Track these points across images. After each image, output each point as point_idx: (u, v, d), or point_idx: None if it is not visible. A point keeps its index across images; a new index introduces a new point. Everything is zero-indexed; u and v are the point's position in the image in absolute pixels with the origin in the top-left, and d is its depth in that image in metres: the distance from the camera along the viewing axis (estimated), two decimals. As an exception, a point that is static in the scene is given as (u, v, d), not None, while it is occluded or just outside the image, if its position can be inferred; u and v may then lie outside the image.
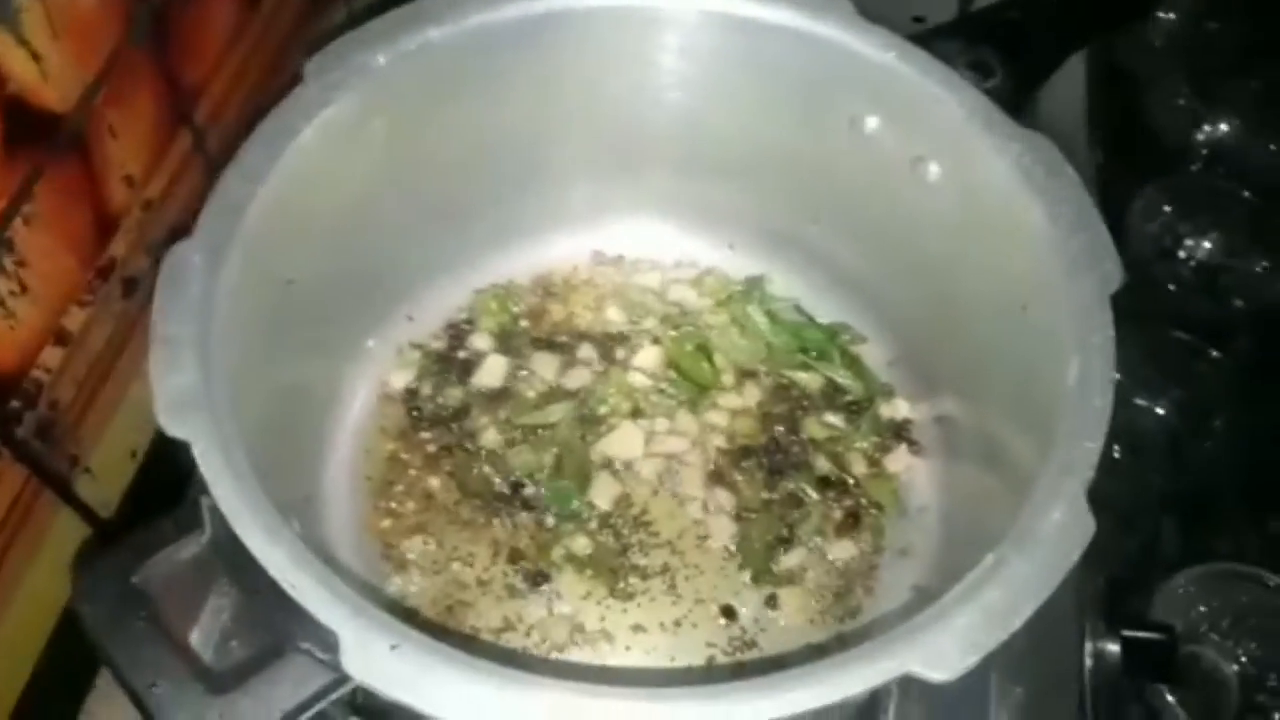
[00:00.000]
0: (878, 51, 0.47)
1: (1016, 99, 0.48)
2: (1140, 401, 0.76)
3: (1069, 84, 0.73)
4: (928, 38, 0.48)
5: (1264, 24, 0.88)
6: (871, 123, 0.49)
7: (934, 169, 0.48)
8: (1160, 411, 0.76)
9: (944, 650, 0.33)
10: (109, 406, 0.58)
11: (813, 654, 0.33)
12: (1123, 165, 0.80)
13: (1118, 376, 0.39)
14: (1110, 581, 0.60)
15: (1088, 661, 0.56)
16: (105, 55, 0.53)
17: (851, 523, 0.54)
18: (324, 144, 0.44)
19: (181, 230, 0.40)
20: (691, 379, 0.57)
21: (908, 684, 0.52)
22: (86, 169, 0.53)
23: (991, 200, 0.45)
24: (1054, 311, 0.41)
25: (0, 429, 0.49)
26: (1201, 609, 0.67)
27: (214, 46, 0.62)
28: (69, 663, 0.54)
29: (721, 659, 0.49)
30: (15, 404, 0.50)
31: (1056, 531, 0.35)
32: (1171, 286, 0.81)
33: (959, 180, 0.47)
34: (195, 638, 0.34)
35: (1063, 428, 0.38)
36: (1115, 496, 0.71)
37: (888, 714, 0.47)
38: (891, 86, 0.47)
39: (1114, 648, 0.56)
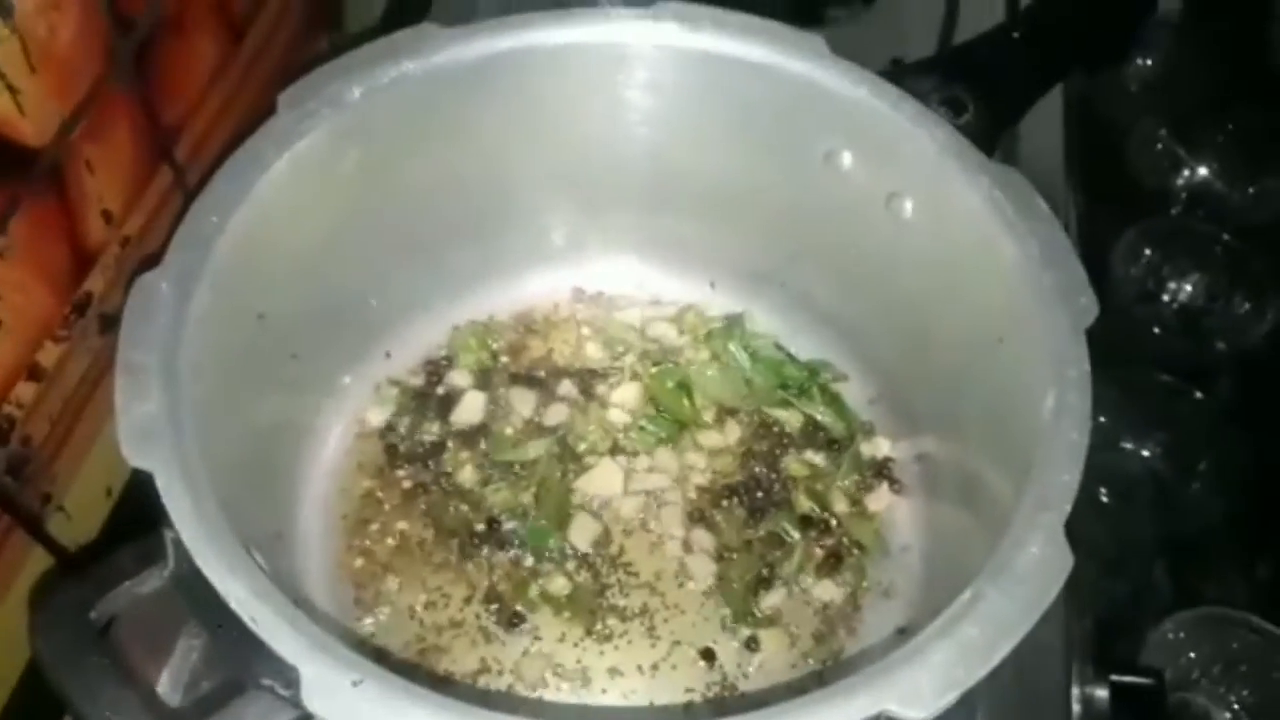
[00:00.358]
0: (850, 87, 0.47)
1: (990, 136, 0.48)
2: (1126, 445, 0.76)
3: (1047, 129, 0.74)
4: (901, 74, 0.49)
5: (1240, 68, 0.89)
6: (846, 159, 0.49)
7: (909, 205, 0.48)
8: (1145, 454, 0.76)
9: (920, 688, 0.32)
10: (84, 444, 0.57)
11: (793, 696, 0.32)
12: (1103, 209, 0.80)
13: (1102, 419, 0.39)
14: (1098, 625, 0.59)
15: (1075, 707, 0.55)
16: (84, 89, 0.53)
17: (833, 563, 0.53)
18: (296, 176, 0.44)
19: (154, 262, 0.40)
20: (672, 415, 0.56)
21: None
22: (63, 203, 0.53)
23: (965, 235, 0.45)
24: (1030, 345, 0.41)
25: (-31, 467, 0.49)
26: (1192, 655, 0.66)
27: (196, 83, 0.62)
28: (38, 706, 0.53)
29: (700, 702, 0.48)
30: (-14, 440, 0.50)
31: (1034, 565, 0.34)
32: (1155, 329, 0.81)
33: (933, 216, 0.47)
34: (155, 674, 0.33)
35: (1039, 461, 0.37)
36: (1102, 541, 0.71)
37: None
38: (864, 122, 0.48)
39: (1102, 693, 0.55)
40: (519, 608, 0.51)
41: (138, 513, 0.41)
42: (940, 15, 0.70)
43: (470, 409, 0.56)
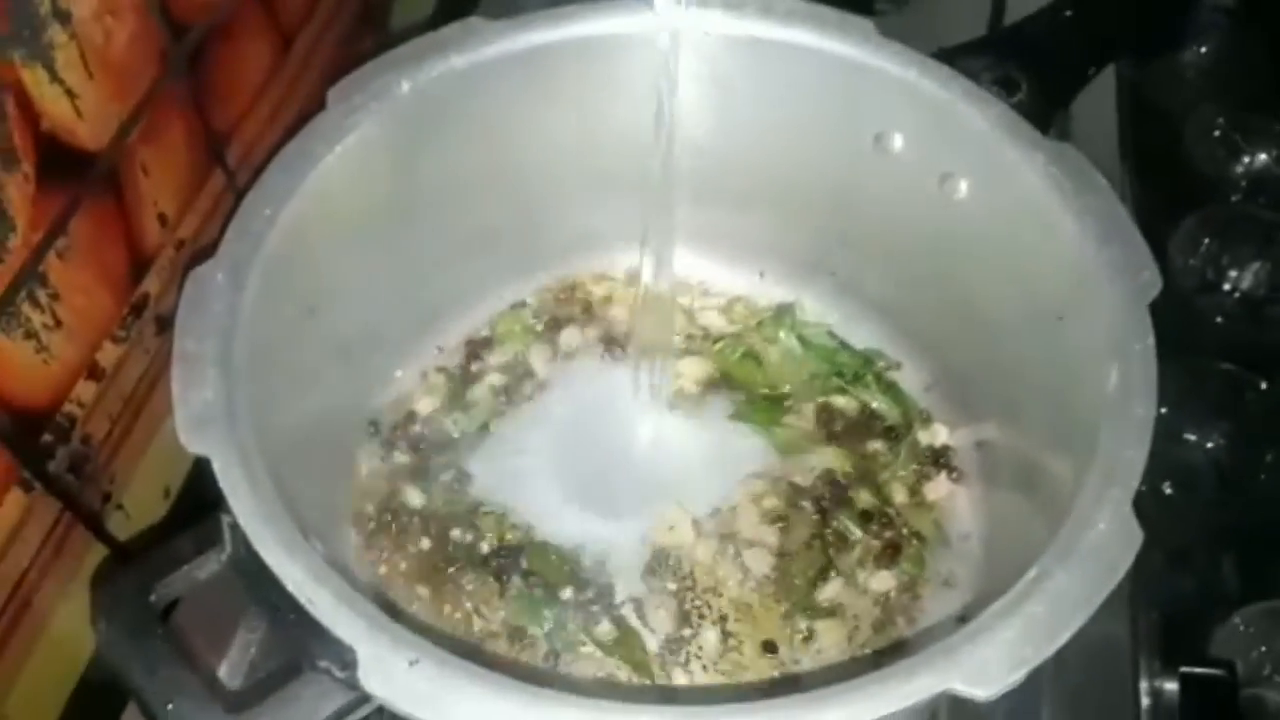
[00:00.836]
0: (899, 68, 0.46)
1: (1044, 116, 0.47)
2: (1189, 436, 0.74)
3: (1100, 116, 0.73)
4: (951, 55, 0.48)
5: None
6: (897, 141, 0.49)
7: (963, 185, 0.47)
8: (1209, 446, 0.74)
9: (986, 666, 0.31)
10: (142, 444, 0.58)
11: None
12: (1159, 198, 0.79)
13: (1164, 411, 0.38)
14: (1166, 618, 0.58)
15: (1144, 700, 0.54)
16: (140, 93, 0.54)
17: (892, 554, 0.52)
18: (346, 169, 0.44)
19: (207, 255, 0.40)
20: (744, 384, 0.55)
21: (954, 707, 0.50)
22: (120, 206, 0.54)
23: (1021, 213, 0.44)
24: (1092, 322, 0.40)
25: (33, 463, 0.49)
26: (1262, 649, 0.64)
27: (247, 89, 0.63)
28: (98, 701, 0.54)
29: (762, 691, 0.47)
30: (48, 438, 0.50)
31: (1102, 542, 0.33)
32: (1217, 319, 0.79)
33: (987, 195, 0.46)
34: (216, 659, 0.33)
35: (1104, 438, 0.36)
36: (1167, 534, 0.69)
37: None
38: (915, 103, 0.47)
39: (1172, 686, 0.54)
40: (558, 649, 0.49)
41: (195, 513, 0.42)
42: (984, 8, 0.69)
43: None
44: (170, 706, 0.31)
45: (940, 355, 0.53)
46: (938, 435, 0.55)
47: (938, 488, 0.53)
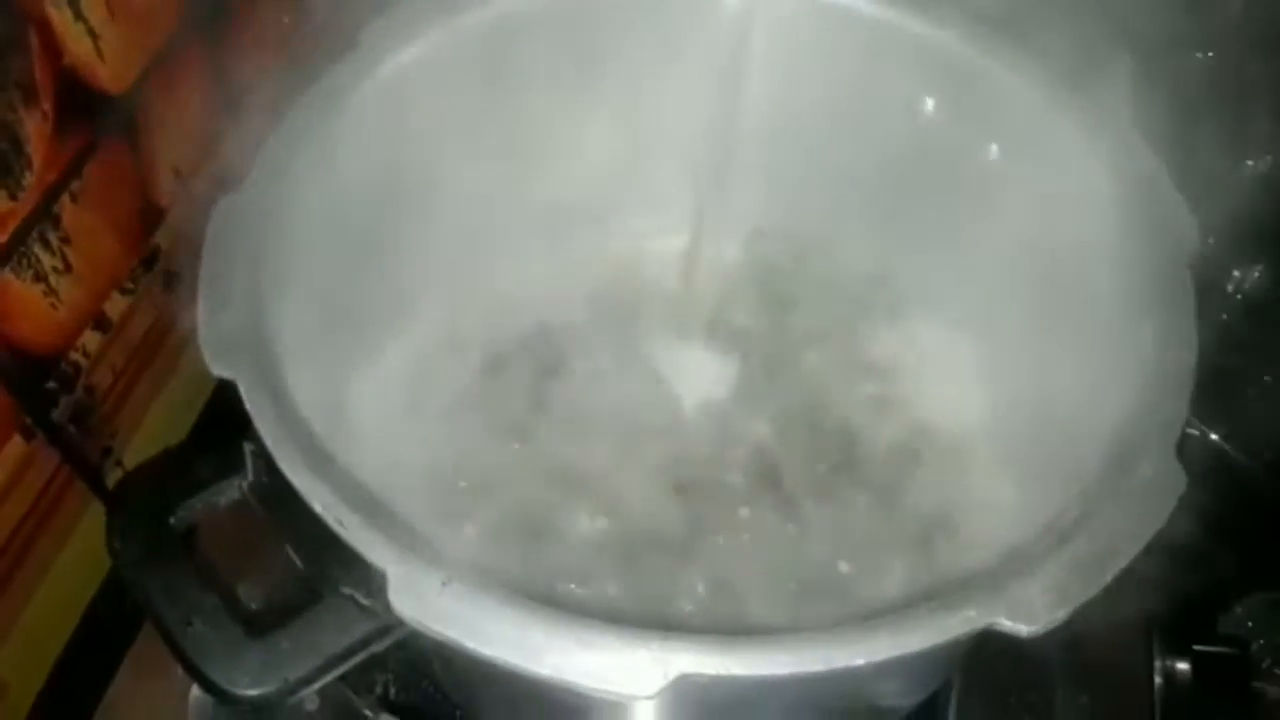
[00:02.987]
0: (933, 28, 0.46)
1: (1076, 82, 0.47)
2: (1191, 431, 0.74)
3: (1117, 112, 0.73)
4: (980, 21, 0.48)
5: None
6: (929, 104, 0.48)
7: (994, 148, 0.47)
8: (1214, 438, 0.74)
9: (1031, 601, 0.30)
10: (144, 400, 0.57)
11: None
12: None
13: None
14: (1179, 605, 0.57)
15: (1157, 680, 0.53)
16: (161, 42, 0.53)
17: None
18: (375, 108, 0.44)
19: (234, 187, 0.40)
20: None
21: (971, 674, 0.50)
22: (135, 154, 0.53)
23: (1058, 173, 0.44)
24: (1130, 278, 0.40)
25: (35, 409, 0.48)
26: (1262, 641, 0.64)
27: (264, 46, 0.63)
28: (93, 655, 0.53)
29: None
30: (52, 385, 0.49)
31: (1147, 484, 0.33)
32: (1224, 316, 0.79)
33: (1022, 156, 0.46)
34: (232, 581, 0.32)
35: (1146, 387, 0.36)
36: (1170, 526, 0.69)
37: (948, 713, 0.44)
38: (948, 63, 0.47)
39: (1184, 665, 0.53)
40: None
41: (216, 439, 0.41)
42: None
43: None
44: (190, 628, 0.30)
45: (977, 312, 0.53)
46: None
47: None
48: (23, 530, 0.48)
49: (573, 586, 0.45)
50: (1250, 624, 0.64)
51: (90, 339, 0.52)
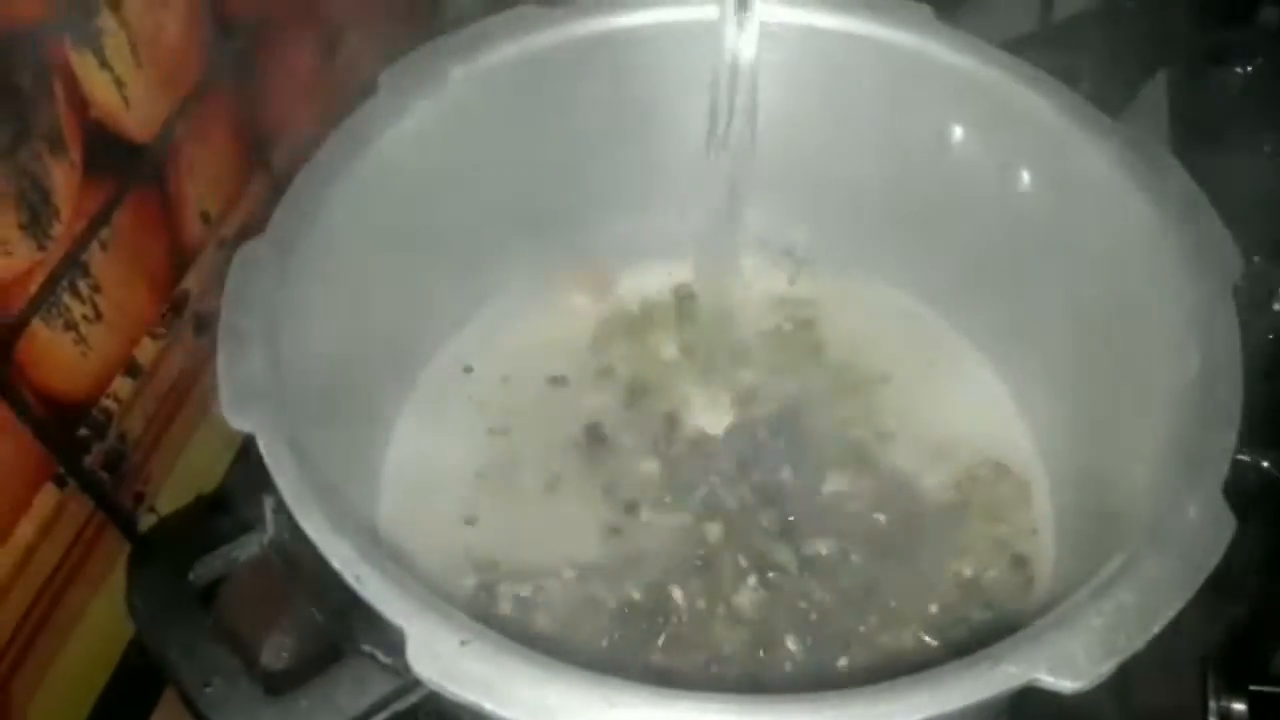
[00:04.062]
0: (958, 55, 0.45)
1: (1107, 109, 0.46)
2: (1241, 458, 0.71)
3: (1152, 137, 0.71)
4: (1012, 47, 0.47)
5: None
6: (957, 133, 0.47)
7: (1025, 176, 0.46)
8: (1265, 465, 0.71)
9: (1074, 656, 0.29)
10: (176, 446, 0.57)
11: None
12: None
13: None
14: (1234, 637, 0.55)
15: (1213, 720, 0.51)
16: (187, 89, 0.54)
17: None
18: (396, 154, 0.44)
19: (256, 233, 0.40)
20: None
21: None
22: (164, 200, 0.54)
23: (1092, 201, 0.43)
24: (1171, 307, 0.38)
25: (67, 458, 0.49)
26: (1319, 677, 0.61)
27: (291, 92, 0.63)
28: (127, 703, 0.52)
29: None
30: (84, 432, 0.50)
31: (1194, 529, 0.32)
32: (1269, 336, 0.77)
33: (1054, 184, 0.45)
34: (252, 639, 0.32)
35: (1190, 424, 0.35)
36: (1224, 558, 0.66)
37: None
38: (976, 92, 0.46)
39: (1241, 706, 0.51)
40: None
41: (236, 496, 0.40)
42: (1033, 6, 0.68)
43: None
44: (208, 689, 0.30)
45: (1008, 347, 0.51)
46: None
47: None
48: (55, 579, 0.48)
49: (604, 644, 0.44)
50: (1311, 657, 0.61)
51: (121, 385, 0.52)
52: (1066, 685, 0.29)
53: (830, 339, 0.56)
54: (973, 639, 0.42)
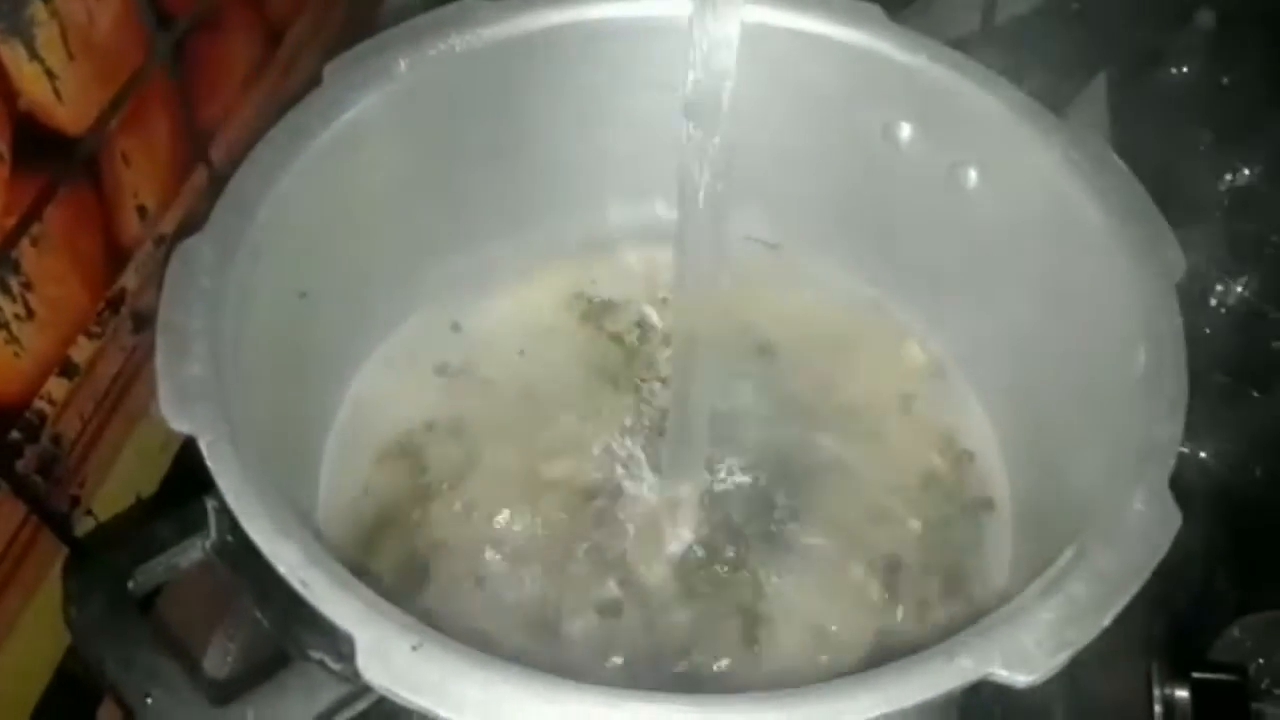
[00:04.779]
0: (909, 54, 0.46)
1: (1051, 108, 0.47)
2: (1182, 449, 0.73)
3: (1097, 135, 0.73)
4: (956, 47, 0.47)
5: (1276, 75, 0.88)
6: (905, 130, 0.48)
7: (972, 174, 0.46)
8: (1203, 456, 0.73)
9: (1027, 650, 0.29)
10: (114, 446, 0.56)
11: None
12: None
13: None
14: (1174, 625, 0.57)
15: (1157, 708, 0.52)
16: (122, 80, 0.52)
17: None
18: (340, 147, 0.43)
19: (195, 229, 0.38)
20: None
21: (969, 713, 0.48)
22: (99, 195, 0.52)
23: (1038, 198, 0.43)
24: (1117, 305, 0.39)
25: (-1, 461, 0.47)
26: (1261, 661, 0.63)
27: (234, 84, 0.62)
28: (63, 717, 0.51)
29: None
30: (16, 435, 0.48)
31: (1141, 522, 0.32)
32: (1206, 330, 0.79)
33: (1001, 182, 0.45)
34: (196, 647, 0.31)
35: (1137, 418, 0.35)
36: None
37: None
38: (926, 90, 0.46)
39: (1183, 693, 0.52)
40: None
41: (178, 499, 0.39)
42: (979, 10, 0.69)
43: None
44: (149, 700, 0.29)
45: (959, 344, 0.52)
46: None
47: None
48: (-13, 586, 0.47)
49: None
50: (1248, 645, 0.63)
51: (56, 386, 0.50)
52: (1020, 679, 0.29)
53: (776, 332, 0.56)
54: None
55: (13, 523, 0.48)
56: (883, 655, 0.29)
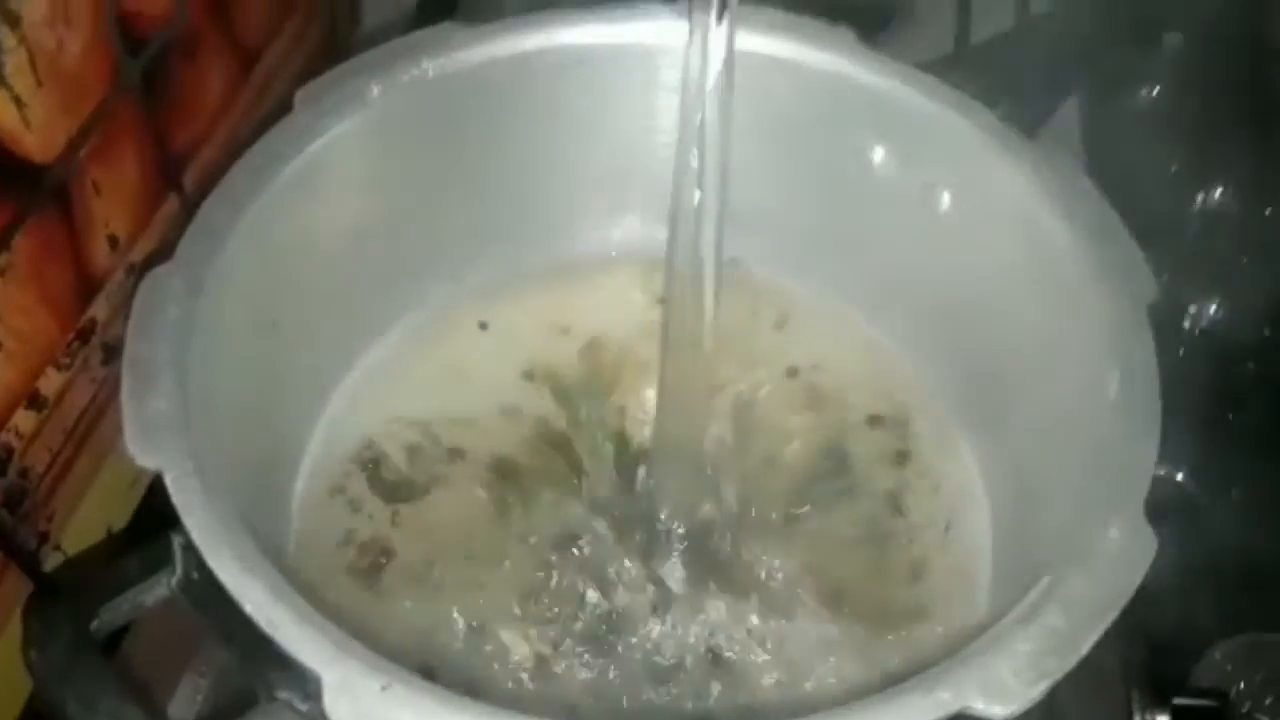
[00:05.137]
0: (882, 78, 0.46)
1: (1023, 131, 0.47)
2: (1158, 471, 0.73)
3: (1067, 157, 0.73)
4: (929, 70, 0.48)
5: (1253, 92, 0.89)
6: (878, 154, 0.48)
7: (945, 197, 0.47)
8: (1179, 478, 0.74)
9: (1004, 680, 0.29)
10: (84, 480, 0.55)
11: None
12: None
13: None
14: (1153, 650, 0.56)
15: (1138, 734, 0.52)
16: (92, 108, 0.52)
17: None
18: (312, 174, 0.42)
19: (164, 258, 0.38)
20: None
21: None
22: (68, 225, 0.51)
23: (1009, 221, 0.44)
24: (1089, 328, 0.39)
25: (-37, 497, 0.46)
26: (1242, 685, 0.63)
27: (205, 112, 0.61)
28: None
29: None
30: (-19, 470, 0.47)
31: (1116, 549, 0.32)
32: (1179, 352, 0.79)
33: (974, 205, 0.45)
34: (165, 686, 0.30)
35: (1110, 443, 0.35)
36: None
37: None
38: (897, 113, 0.46)
39: (1164, 719, 0.52)
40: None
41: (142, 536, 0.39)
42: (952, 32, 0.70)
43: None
44: (111, 745, 0.28)
45: (930, 368, 0.52)
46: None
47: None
48: (-50, 625, 0.46)
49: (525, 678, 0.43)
50: (1229, 668, 0.63)
51: (23, 419, 0.49)
52: (997, 711, 0.29)
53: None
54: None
55: (-23, 560, 0.47)
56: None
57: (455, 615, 0.46)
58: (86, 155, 0.51)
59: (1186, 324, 0.82)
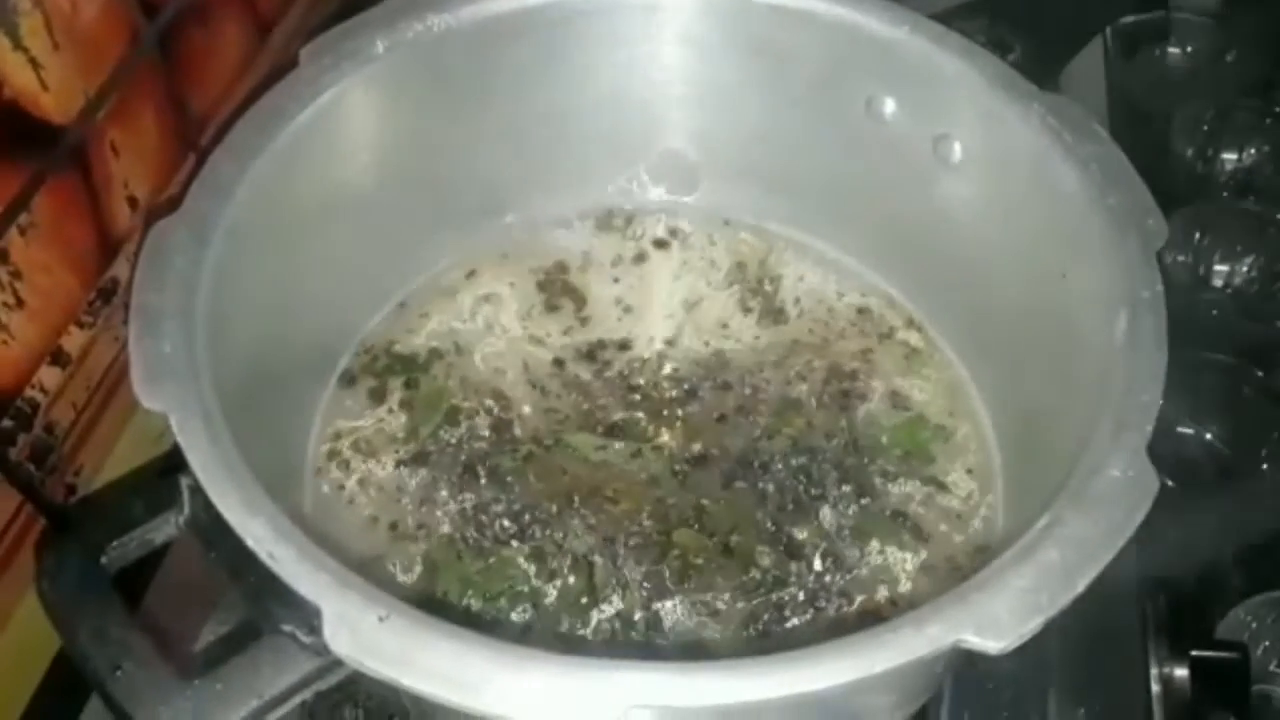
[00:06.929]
0: (890, 27, 0.45)
1: (1037, 78, 0.46)
2: (1186, 430, 0.72)
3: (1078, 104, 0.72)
4: (945, 18, 0.47)
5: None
6: (889, 105, 0.47)
7: (957, 147, 0.46)
8: (1208, 438, 0.73)
9: (998, 616, 0.29)
10: (108, 436, 0.56)
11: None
12: (1149, 196, 0.77)
13: (1160, 404, 0.36)
14: (1179, 607, 0.56)
15: (1155, 687, 0.52)
16: (109, 69, 0.52)
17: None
18: (318, 129, 0.43)
19: (171, 209, 0.38)
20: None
21: (962, 684, 0.48)
22: (88, 185, 0.52)
23: (1020, 169, 0.43)
24: (1099, 271, 0.39)
25: (-9, 449, 0.47)
26: (1267, 643, 0.62)
27: (224, 73, 0.62)
28: (58, 708, 0.51)
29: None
30: (8, 424, 0.48)
31: (1117, 488, 0.32)
32: (1212, 313, 0.78)
33: (985, 152, 0.45)
34: (167, 622, 0.31)
35: (1116, 384, 0.35)
36: (1167, 528, 0.67)
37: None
38: (908, 63, 0.46)
39: (1182, 672, 0.51)
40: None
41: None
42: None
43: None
44: (119, 673, 0.29)
45: (943, 315, 0.51)
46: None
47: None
48: (-19, 576, 0.47)
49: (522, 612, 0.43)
50: (1254, 626, 0.62)
51: (48, 375, 0.50)
52: (991, 645, 0.29)
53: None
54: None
55: (6, 512, 0.48)
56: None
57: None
58: (105, 117, 0.52)
59: (1218, 282, 0.81)
